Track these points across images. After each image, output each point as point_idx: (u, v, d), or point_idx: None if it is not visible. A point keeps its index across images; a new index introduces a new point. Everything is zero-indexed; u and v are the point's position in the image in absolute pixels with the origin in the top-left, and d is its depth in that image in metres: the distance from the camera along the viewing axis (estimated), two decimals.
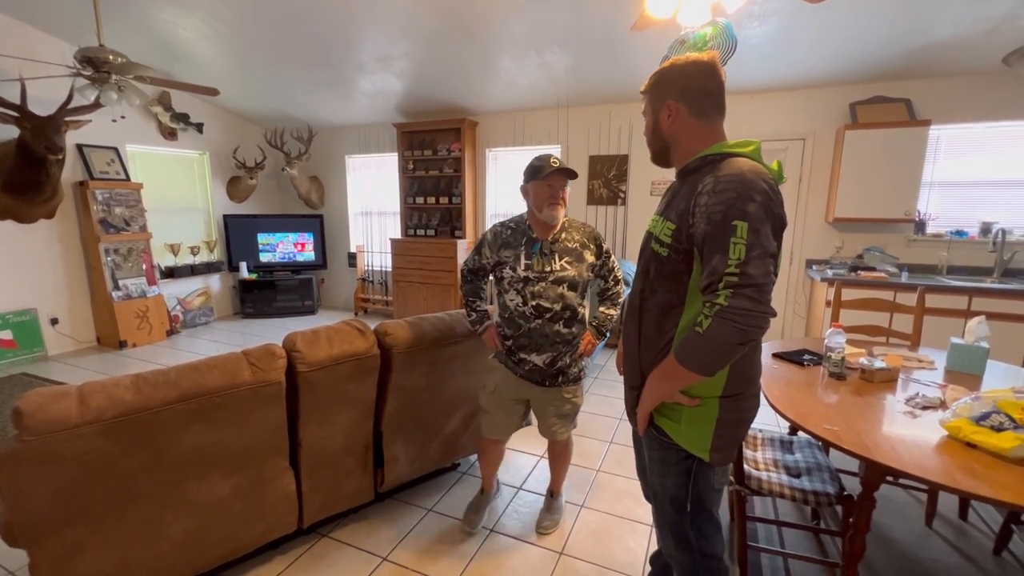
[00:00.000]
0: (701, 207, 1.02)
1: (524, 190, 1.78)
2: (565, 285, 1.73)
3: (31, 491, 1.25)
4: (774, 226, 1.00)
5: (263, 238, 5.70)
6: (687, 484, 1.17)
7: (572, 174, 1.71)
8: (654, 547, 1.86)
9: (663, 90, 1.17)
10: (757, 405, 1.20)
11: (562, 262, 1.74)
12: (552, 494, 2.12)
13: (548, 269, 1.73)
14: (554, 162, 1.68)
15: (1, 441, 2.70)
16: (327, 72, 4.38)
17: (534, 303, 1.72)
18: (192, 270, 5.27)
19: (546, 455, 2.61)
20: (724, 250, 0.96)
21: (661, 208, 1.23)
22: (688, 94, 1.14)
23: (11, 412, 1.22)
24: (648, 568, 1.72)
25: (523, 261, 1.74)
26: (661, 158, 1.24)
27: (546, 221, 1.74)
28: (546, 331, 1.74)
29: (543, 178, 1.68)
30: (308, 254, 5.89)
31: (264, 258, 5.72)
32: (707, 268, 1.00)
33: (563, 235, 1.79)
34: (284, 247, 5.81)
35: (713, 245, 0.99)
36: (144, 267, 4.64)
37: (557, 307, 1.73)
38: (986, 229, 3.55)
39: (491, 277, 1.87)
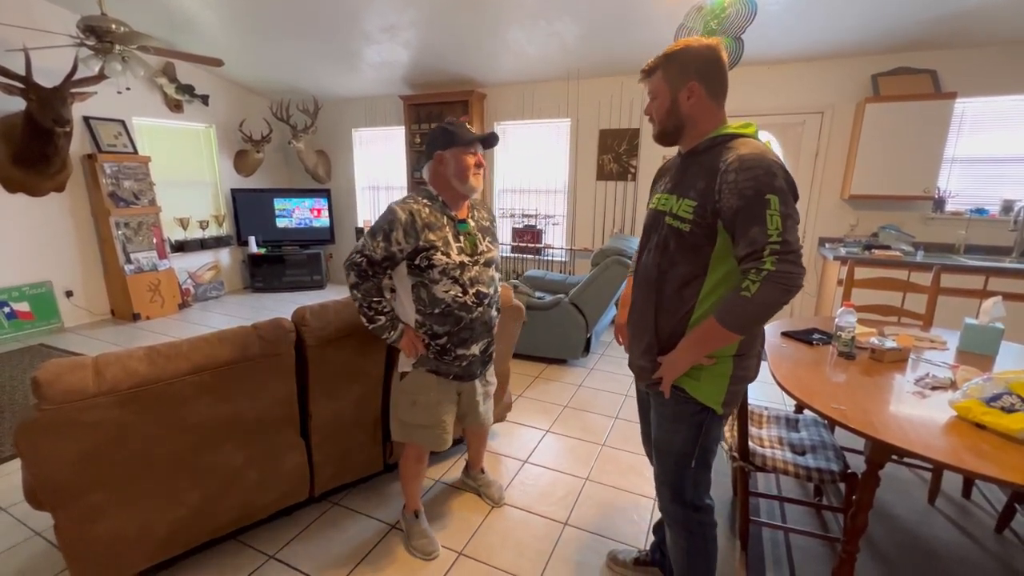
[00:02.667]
0: (729, 184, 1.09)
1: (440, 158, 1.55)
2: (492, 267, 1.64)
3: (52, 458, 1.29)
4: (793, 197, 1.10)
5: (279, 203, 5.74)
6: (697, 437, 1.27)
7: (495, 140, 1.59)
8: (657, 519, 1.89)
9: (683, 70, 1.19)
10: (759, 365, 1.31)
11: (486, 242, 1.62)
12: (482, 470, 2.14)
13: (480, 250, 1.59)
14: (470, 125, 1.56)
15: (22, 410, 2.80)
16: (332, 42, 4.28)
17: (474, 290, 1.56)
18: (202, 244, 5.31)
19: (552, 429, 2.65)
20: (761, 222, 1.05)
21: (669, 186, 1.28)
22: (708, 76, 1.19)
23: (30, 382, 1.25)
24: (651, 539, 1.76)
25: (454, 244, 1.53)
26: (671, 138, 1.27)
27: (465, 194, 1.57)
28: (485, 318, 1.62)
29: (467, 144, 1.53)
30: (324, 220, 5.92)
31: (281, 224, 5.76)
32: (743, 239, 1.08)
33: (475, 213, 1.65)
34: (300, 213, 5.84)
35: (748, 218, 1.07)
36: (154, 241, 4.68)
37: (491, 291, 1.63)
38: (1008, 207, 3.45)
39: (393, 269, 1.57)
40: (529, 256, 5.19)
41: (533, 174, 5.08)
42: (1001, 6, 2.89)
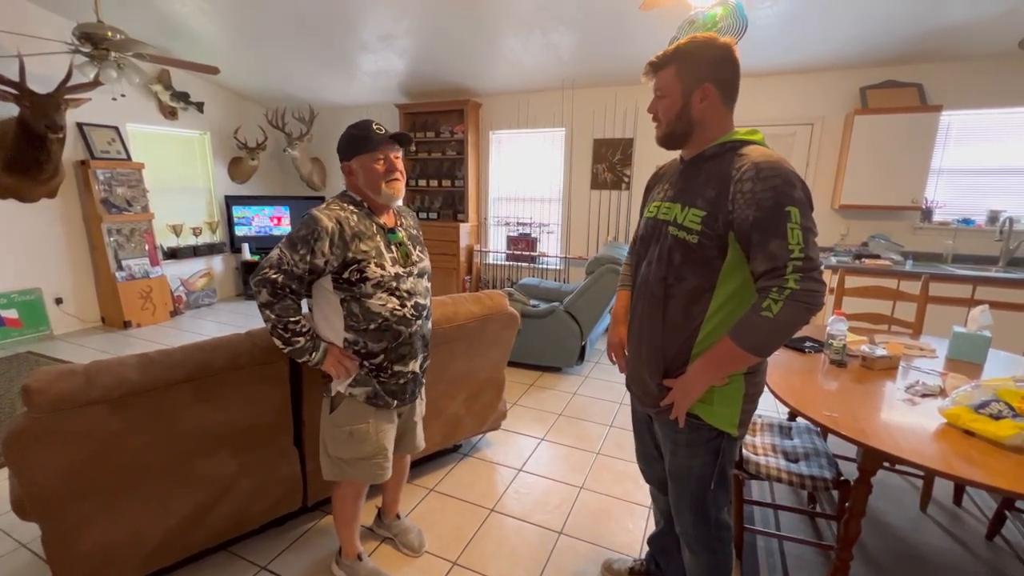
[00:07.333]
0: (745, 193, 1.02)
1: (347, 168, 1.46)
2: (426, 277, 1.54)
3: (40, 466, 1.27)
4: (809, 208, 1.05)
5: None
6: (715, 462, 1.21)
7: (405, 139, 1.47)
8: (652, 528, 1.89)
9: (698, 70, 1.11)
10: (764, 380, 1.25)
11: (416, 251, 1.53)
12: (398, 515, 1.89)
13: (413, 260, 1.50)
14: (378, 128, 1.44)
15: (10, 418, 2.75)
16: (328, 50, 4.31)
17: (412, 302, 1.46)
18: (194, 251, 5.28)
19: (547, 437, 2.64)
20: (782, 235, 0.99)
21: (671, 194, 1.20)
22: (723, 79, 1.12)
23: (20, 389, 1.24)
24: (646, 549, 1.76)
25: (387, 255, 1.42)
26: (677, 141, 1.18)
27: (385, 203, 1.46)
28: (423, 331, 1.53)
29: (373, 150, 1.42)
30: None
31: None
32: (761, 253, 1.01)
33: (403, 220, 1.56)
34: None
35: (767, 231, 1.00)
36: (147, 247, 4.64)
37: (428, 302, 1.55)
38: (993, 217, 3.52)
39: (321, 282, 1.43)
40: (524, 264, 5.21)
41: (528, 182, 5.11)
42: (984, 23, 2.97)
